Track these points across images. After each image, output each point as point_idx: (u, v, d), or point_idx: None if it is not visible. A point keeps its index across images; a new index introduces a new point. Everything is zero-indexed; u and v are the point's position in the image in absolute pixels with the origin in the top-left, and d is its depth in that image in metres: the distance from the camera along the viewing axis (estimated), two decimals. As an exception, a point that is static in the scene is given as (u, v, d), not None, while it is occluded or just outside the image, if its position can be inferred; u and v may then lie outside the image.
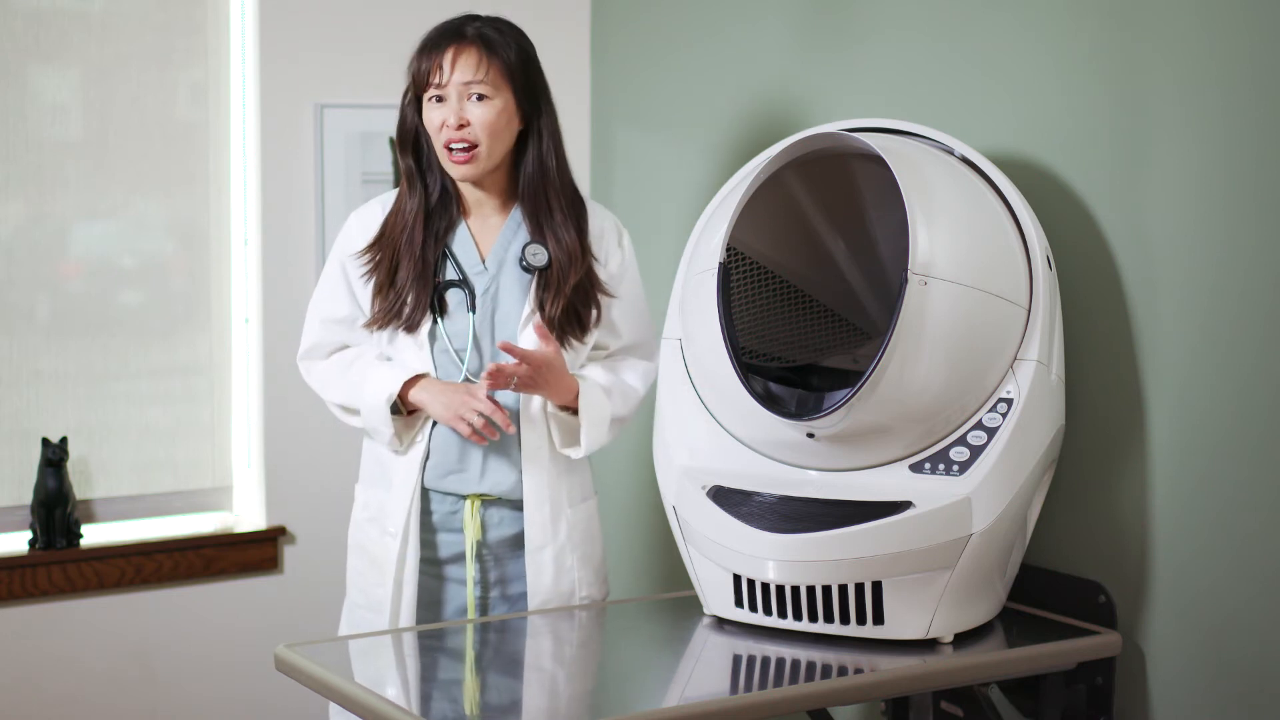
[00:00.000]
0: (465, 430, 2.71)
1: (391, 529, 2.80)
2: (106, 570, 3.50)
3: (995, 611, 2.65)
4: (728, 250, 2.63)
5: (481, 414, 2.70)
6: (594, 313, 2.82)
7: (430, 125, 2.75)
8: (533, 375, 2.68)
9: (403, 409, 2.79)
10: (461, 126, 2.71)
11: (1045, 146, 2.78)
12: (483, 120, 2.72)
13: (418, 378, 2.77)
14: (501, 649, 2.64)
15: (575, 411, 2.79)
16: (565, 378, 2.75)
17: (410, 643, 2.64)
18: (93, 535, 3.52)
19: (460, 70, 2.71)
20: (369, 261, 2.80)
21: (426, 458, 2.80)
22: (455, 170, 2.75)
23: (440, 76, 2.72)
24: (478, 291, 2.80)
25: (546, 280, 2.78)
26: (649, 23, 3.75)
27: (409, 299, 2.76)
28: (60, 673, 3.47)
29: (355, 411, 2.82)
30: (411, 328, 2.77)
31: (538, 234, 2.79)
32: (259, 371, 3.62)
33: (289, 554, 3.69)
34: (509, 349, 2.66)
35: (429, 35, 2.76)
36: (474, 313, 2.79)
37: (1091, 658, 2.62)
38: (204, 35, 3.60)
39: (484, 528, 2.82)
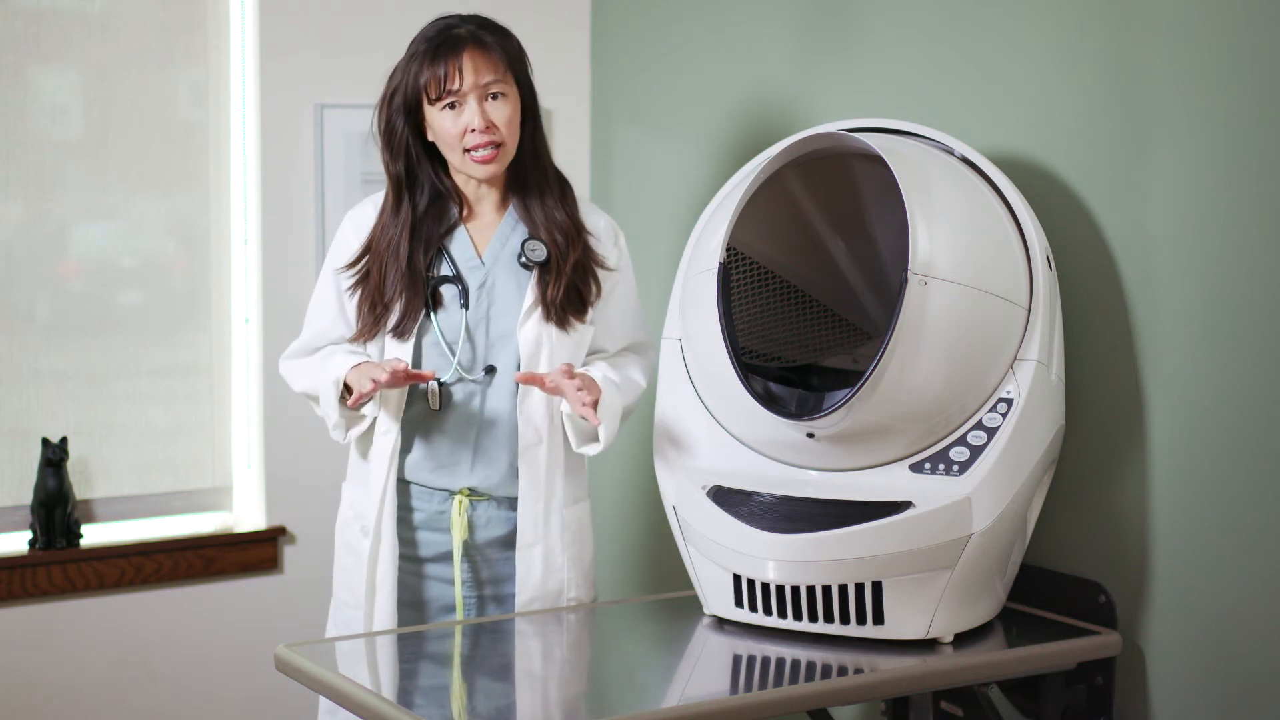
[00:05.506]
0: (368, 385, 2.63)
1: (366, 524, 2.80)
2: (106, 570, 3.50)
3: (995, 611, 2.65)
4: (728, 250, 2.63)
5: (385, 370, 2.64)
6: (594, 288, 2.82)
7: (447, 134, 2.72)
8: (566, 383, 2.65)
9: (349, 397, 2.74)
10: (490, 128, 2.71)
11: (1045, 146, 2.78)
12: (505, 119, 2.73)
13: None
14: (498, 650, 2.64)
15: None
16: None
17: (411, 644, 2.64)
18: (93, 535, 3.52)
19: (480, 74, 2.71)
20: (355, 274, 2.80)
21: (400, 451, 2.79)
22: (481, 170, 2.74)
23: (460, 83, 2.70)
24: (472, 287, 2.80)
25: (546, 266, 2.78)
26: (649, 23, 3.75)
27: (397, 309, 2.76)
28: (60, 673, 3.47)
29: (316, 399, 2.80)
30: (401, 334, 2.76)
31: (531, 222, 2.80)
32: (259, 371, 3.62)
33: (289, 554, 3.69)
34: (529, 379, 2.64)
35: (428, 44, 2.73)
36: (467, 308, 2.79)
37: (1091, 658, 2.62)
38: (204, 35, 3.60)
39: (471, 527, 2.81)
